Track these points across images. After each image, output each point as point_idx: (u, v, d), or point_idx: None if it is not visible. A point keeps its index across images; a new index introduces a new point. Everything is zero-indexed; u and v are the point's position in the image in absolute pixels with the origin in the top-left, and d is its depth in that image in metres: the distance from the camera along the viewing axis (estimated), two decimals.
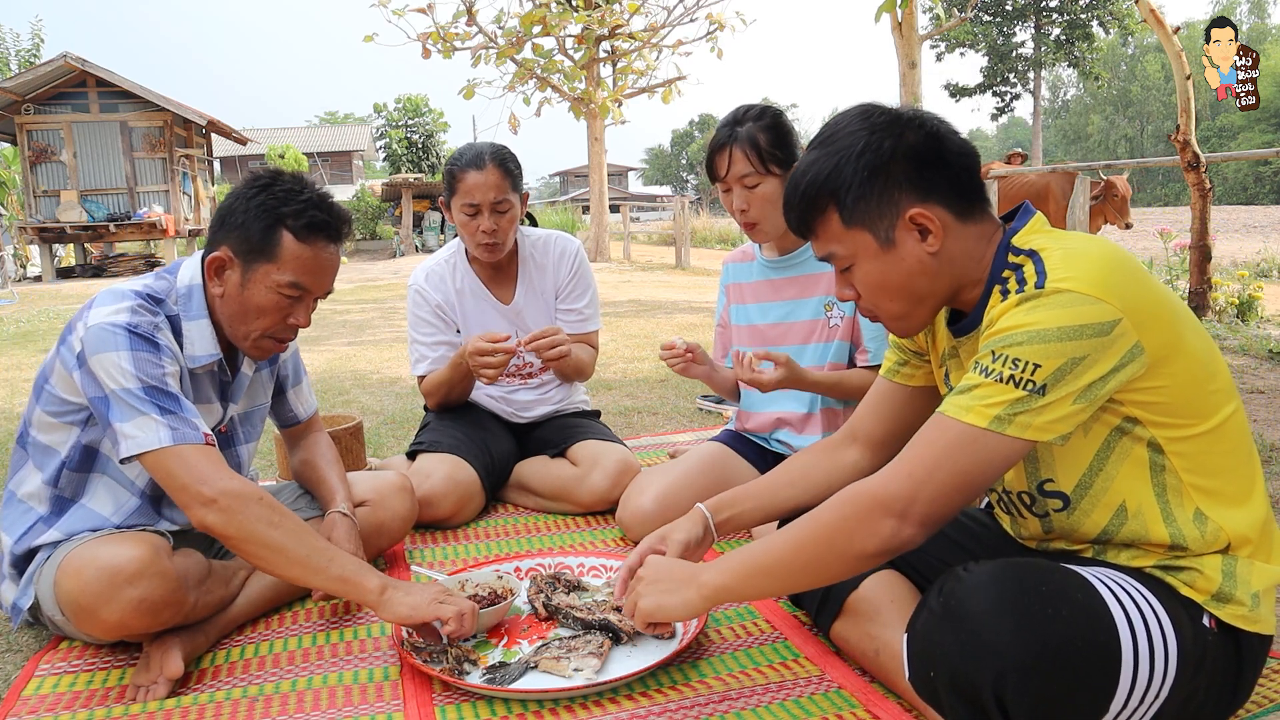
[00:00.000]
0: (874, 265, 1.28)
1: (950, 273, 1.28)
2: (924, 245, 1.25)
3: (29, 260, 17.31)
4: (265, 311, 1.72)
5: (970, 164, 1.27)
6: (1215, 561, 1.21)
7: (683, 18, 14.71)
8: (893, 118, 1.26)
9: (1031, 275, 1.18)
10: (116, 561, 1.53)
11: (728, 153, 2.10)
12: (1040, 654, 1.07)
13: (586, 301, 2.71)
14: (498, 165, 2.45)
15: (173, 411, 1.58)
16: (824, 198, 1.27)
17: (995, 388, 1.14)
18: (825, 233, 1.30)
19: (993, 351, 1.15)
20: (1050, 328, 1.12)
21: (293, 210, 1.69)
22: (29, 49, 23.08)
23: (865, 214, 1.25)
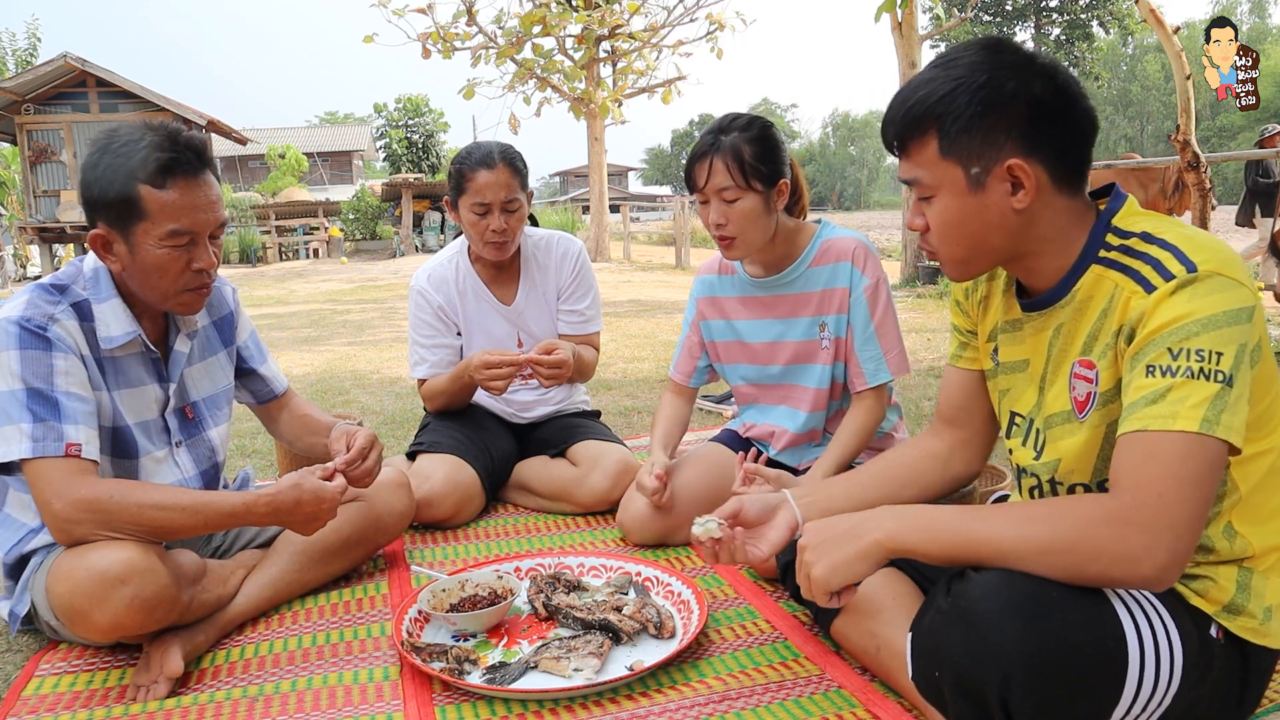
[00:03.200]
0: (955, 203, 1.22)
1: (1028, 235, 1.23)
2: (1012, 199, 1.19)
3: (29, 260, 17.31)
4: (164, 268, 1.65)
5: (1087, 133, 1.21)
6: (1230, 572, 1.20)
7: (683, 18, 14.74)
8: (1025, 60, 1.19)
9: (1171, 260, 1.12)
10: (106, 563, 1.52)
11: (708, 163, 1.98)
12: (1047, 657, 1.06)
13: (588, 303, 2.70)
14: (507, 164, 2.45)
15: (44, 419, 1.56)
16: (928, 121, 1.20)
17: (1190, 385, 1.07)
18: (917, 156, 1.24)
19: (1170, 349, 1.09)
20: (1218, 313, 1.08)
21: (138, 162, 1.60)
22: (26, 49, 23.08)
23: (964, 149, 1.19)
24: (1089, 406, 1.24)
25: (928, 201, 1.26)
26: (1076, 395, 1.26)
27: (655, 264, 14.95)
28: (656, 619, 1.70)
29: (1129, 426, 1.11)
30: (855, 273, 2.08)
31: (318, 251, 20.90)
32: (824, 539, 1.25)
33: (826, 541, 1.25)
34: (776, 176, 2.00)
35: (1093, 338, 1.23)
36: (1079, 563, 1.08)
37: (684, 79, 14.98)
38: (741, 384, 2.32)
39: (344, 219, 22.95)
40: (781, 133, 2.07)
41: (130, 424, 1.76)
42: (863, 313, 2.08)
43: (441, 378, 2.60)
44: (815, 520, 1.30)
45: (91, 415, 1.63)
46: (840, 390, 2.18)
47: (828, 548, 1.24)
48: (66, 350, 1.62)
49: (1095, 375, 1.23)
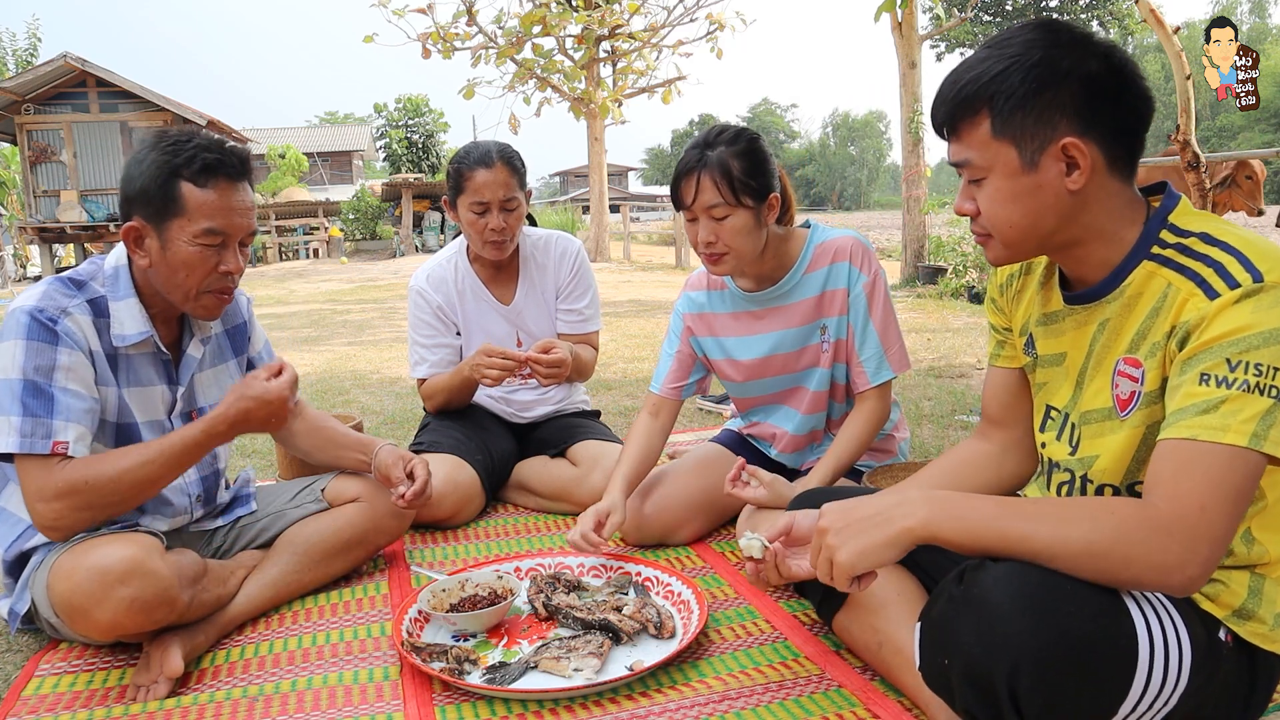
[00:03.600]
0: (1007, 184, 1.20)
1: (1080, 219, 1.20)
2: (1067, 180, 1.17)
3: (29, 260, 17.32)
4: (193, 266, 1.69)
5: (1145, 114, 1.18)
6: (1243, 578, 1.20)
7: (683, 18, 14.74)
8: (1080, 39, 1.17)
9: (1234, 265, 1.10)
10: (107, 562, 1.53)
11: (695, 180, 1.91)
12: (1058, 648, 1.06)
13: (587, 302, 2.70)
14: (505, 163, 2.45)
15: (37, 414, 1.58)
16: (981, 100, 1.18)
17: (1244, 399, 1.06)
18: (969, 137, 1.21)
19: (1228, 360, 1.07)
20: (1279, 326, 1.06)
21: (184, 159, 1.65)
22: (26, 49, 23.09)
23: (1018, 128, 1.16)
24: (1132, 406, 1.23)
25: (978, 185, 1.23)
26: (1120, 393, 1.25)
27: (655, 264, 14.95)
28: (656, 619, 1.70)
29: (1177, 433, 1.09)
30: (853, 271, 2.06)
31: (318, 251, 20.90)
32: (849, 522, 1.20)
33: (851, 525, 1.19)
34: (767, 191, 1.95)
35: (1141, 336, 1.21)
36: (1112, 568, 1.07)
37: (684, 79, 14.98)
38: (736, 396, 2.31)
39: (344, 219, 22.95)
40: (769, 143, 2.02)
41: (138, 421, 1.77)
42: (861, 310, 2.06)
43: (442, 376, 2.60)
44: (834, 503, 1.25)
45: (87, 413, 1.64)
46: (843, 393, 2.16)
47: (853, 531, 1.18)
48: (73, 346, 1.64)
49: (1141, 375, 1.21)
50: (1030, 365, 1.42)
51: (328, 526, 2.00)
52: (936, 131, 1.28)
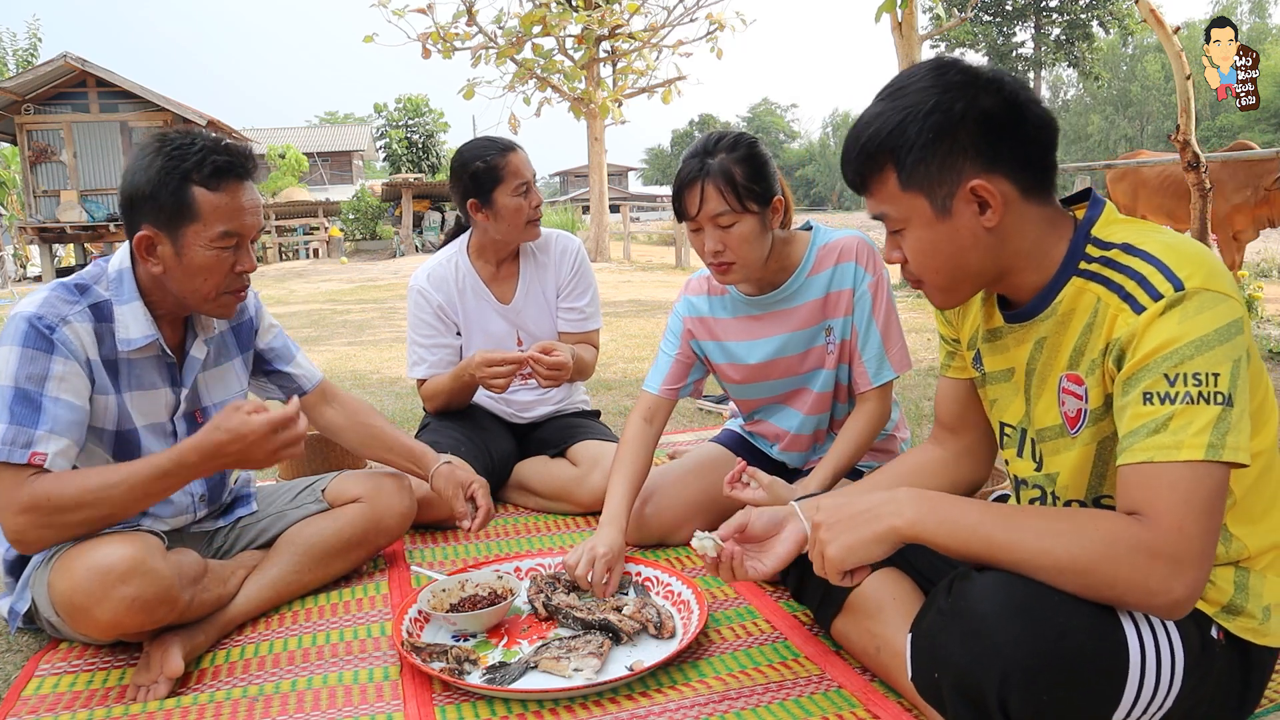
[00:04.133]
0: (926, 233, 1.21)
1: (1005, 251, 1.21)
2: (981, 219, 1.18)
3: (29, 260, 17.32)
4: (211, 270, 1.69)
5: (1048, 138, 1.19)
6: (1228, 574, 1.19)
7: (683, 18, 14.73)
8: (970, 77, 1.17)
9: (1155, 276, 1.10)
10: (108, 561, 1.52)
11: (699, 189, 1.86)
12: (1047, 659, 1.06)
13: (587, 300, 2.71)
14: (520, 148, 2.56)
15: (20, 423, 1.56)
16: (883, 155, 1.19)
17: (1191, 412, 1.05)
18: (880, 192, 1.23)
19: (1166, 375, 1.07)
20: (1210, 333, 1.06)
21: (193, 164, 1.64)
22: (26, 49, 23.10)
23: (924, 178, 1.17)
24: (1080, 423, 1.24)
25: (900, 235, 1.25)
26: (1066, 411, 1.25)
27: (655, 264, 14.95)
28: (656, 619, 1.70)
29: (1134, 457, 1.08)
30: (859, 270, 2.05)
31: (318, 251, 20.91)
32: (839, 518, 1.22)
33: (842, 521, 1.21)
34: (770, 195, 1.92)
35: (1079, 352, 1.21)
36: (1095, 585, 1.07)
37: (684, 79, 14.97)
38: (738, 399, 2.31)
39: (344, 219, 22.95)
40: (770, 144, 2.02)
41: (138, 427, 1.76)
42: (866, 309, 2.05)
43: (442, 377, 2.60)
44: (830, 497, 1.27)
45: (75, 426, 1.62)
46: (846, 393, 2.15)
47: (843, 527, 1.21)
48: (68, 356, 1.63)
49: (1085, 392, 1.21)
50: (980, 380, 1.43)
51: (328, 527, 2.00)
52: (850, 187, 1.28)
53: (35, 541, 1.59)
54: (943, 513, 1.15)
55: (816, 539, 1.24)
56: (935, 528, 1.15)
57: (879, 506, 1.19)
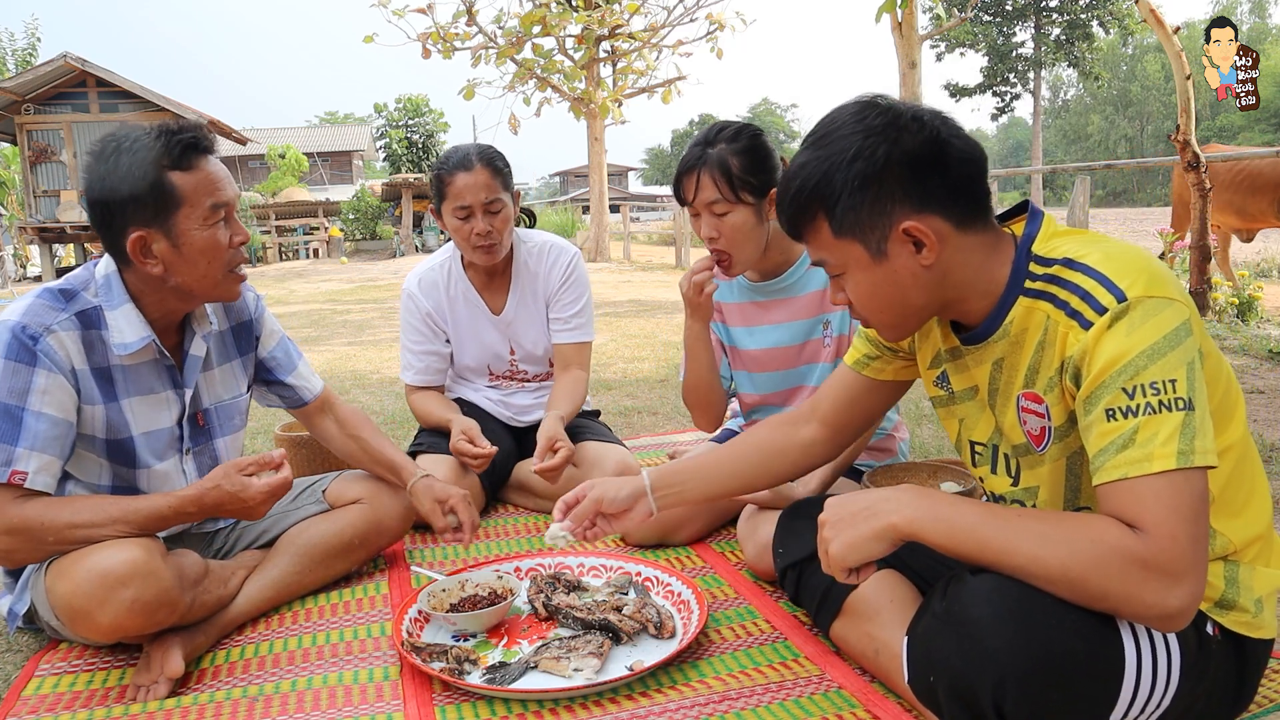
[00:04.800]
0: (865, 276, 1.23)
1: (947, 284, 1.23)
2: (918, 258, 1.19)
3: (29, 260, 17.32)
4: (212, 248, 1.67)
5: (974, 170, 1.20)
6: (1218, 569, 1.19)
7: (683, 18, 14.73)
8: (890, 119, 1.18)
9: (1098, 289, 1.11)
10: (108, 563, 1.52)
11: (695, 177, 1.94)
12: (1041, 663, 1.06)
13: (577, 310, 2.63)
14: (486, 165, 2.40)
15: (1, 440, 1.55)
16: (813, 205, 1.21)
17: (1154, 421, 1.05)
18: (815, 240, 1.25)
19: (1124, 389, 1.07)
20: (1159, 340, 1.06)
21: (160, 151, 1.61)
22: (25, 49, 23.09)
23: (856, 224, 1.19)
24: (1046, 441, 1.24)
25: (841, 278, 1.27)
26: (1030, 430, 1.26)
27: (655, 264, 14.94)
28: (656, 619, 1.70)
29: (1108, 476, 1.07)
30: None
31: (318, 251, 20.90)
32: (841, 516, 1.22)
33: (844, 519, 1.21)
34: (767, 187, 1.95)
35: (1034, 370, 1.21)
36: (1087, 595, 1.07)
37: (684, 79, 14.97)
38: (741, 391, 2.31)
39: (344, 219, 22.95)
40: (772, 140, 2.04)
41: (135, 435, 1.74)
42: None
43: (429, 411, 2.57)
44: (835, 496, 1.27)
45: (57, 441, 1.61)
46: None
47: (844, 525, 1.21)
48: (51, 367, 1.60)
49: (1046, 410, 1.21)
50: (945, 399, 1.42)
51: (329, 528, 1.99)
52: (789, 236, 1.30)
53: (19, 561, 1.61)
54: (941, 512, 1.15)
55: (821, 537, 1.24)
56: (932, 527, 1.15)
57: (878, 504, 1.19)
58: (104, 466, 1.74)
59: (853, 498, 1.24)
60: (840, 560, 1.20)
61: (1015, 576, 1.10)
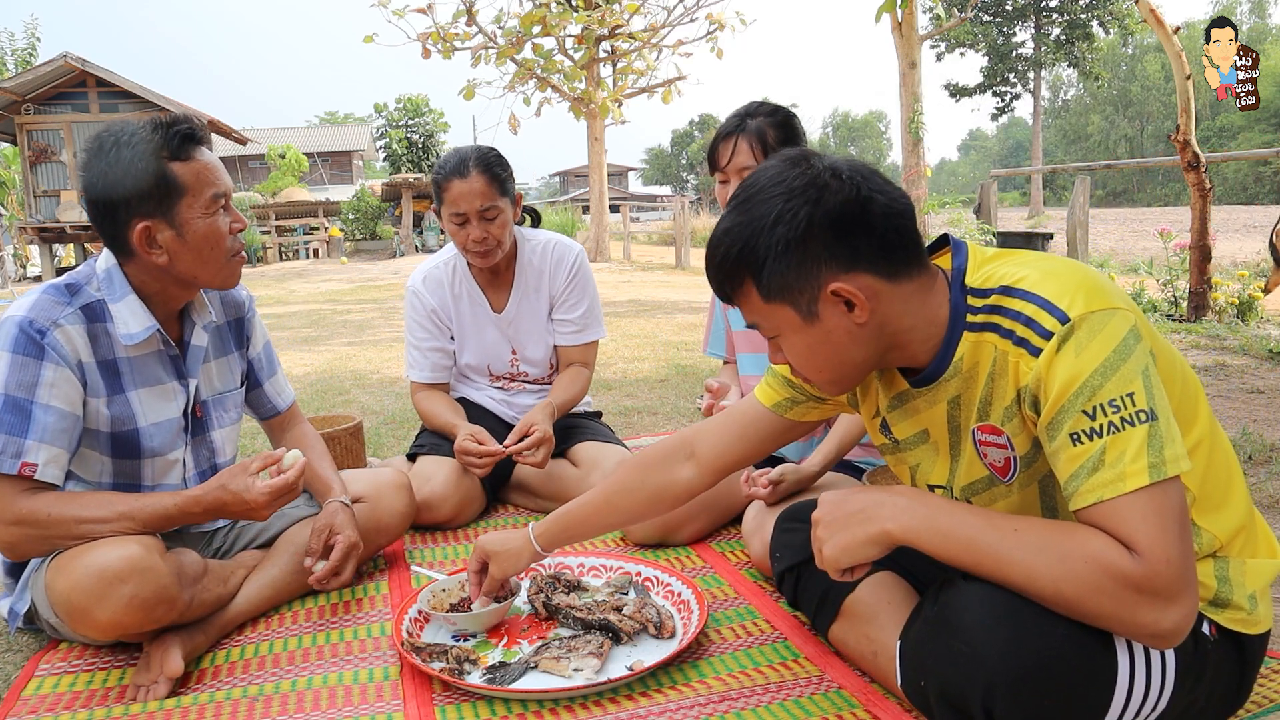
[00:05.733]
0: (799, 339, 1.20)
1: (883, 336, 1.21)
2: (851, 317, 1.17)
3: (29, 260, 17.32)
4: (213, 235, 1.70)
5: (900, 223, 1.17)
6: (1208, 567, 1.19)
7: (683, 18, 14.73)
8: (810, 179, 1.15)
9: (1040, 314, 1.10)
10: (106, 561, 1.52)
11: (733, 142, 2.06)
12: (1032, 669, 1.06)
13: (583, 311, 2.64)
14: (482, 171, 2.38)
15: (11, 432, 1.56)
16: (740, 270, 1.19)
17: (1120, 439, 1.04)
18: (745, 305, 1.23)
19: (1084, 412, 1.06)
20: (1109, 355, 1.06)
21: (159, 143, 1.64)
22: (25, 49, 23.09)
23: (784, 288, 1.16)
24: (1012, 471, 1.22)
25: (778, 340, 1.24)
26: (993, 462, 1.24)
27: (655, 264, 14.94)
28: (656, 619, 1.70)
29: (1084, 501, 1.06)
30: None
31: (318, 251, 20.90)
32: (835, 517, 1.21)
33: (838, 520, 1.20)
34: None
35: (986, 403, 1.20)
36: (1082, 614, 1.06)
37: (684, 79, 14.97)
38: (748, 374, 2.34)
39: (344, 219, 22.95)
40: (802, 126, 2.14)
41: (141, 426, 1.75)
42: None
43: (435, 411, 2.57)
44: (830, 493, 1.26)
45: (65, 434, 1.62)
46: None
47: (838, 526, 1.20)
48: (59, 361, 1.61)
49: (1008, 441, 1.20)
50: (891, 447, 1.41)
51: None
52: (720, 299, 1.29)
53: (25, 553, 1.61)
54: (938, 521, 1.14)
55: (815, 537, 1.23)
56: (929, 535, 1.14)
57: (873, 508, 1.18)
58: (105, 463, 1.74)
59: (848, 498, 1.22)
60: (833, 562, 1.20)
61: (1009, 588, 1.09)
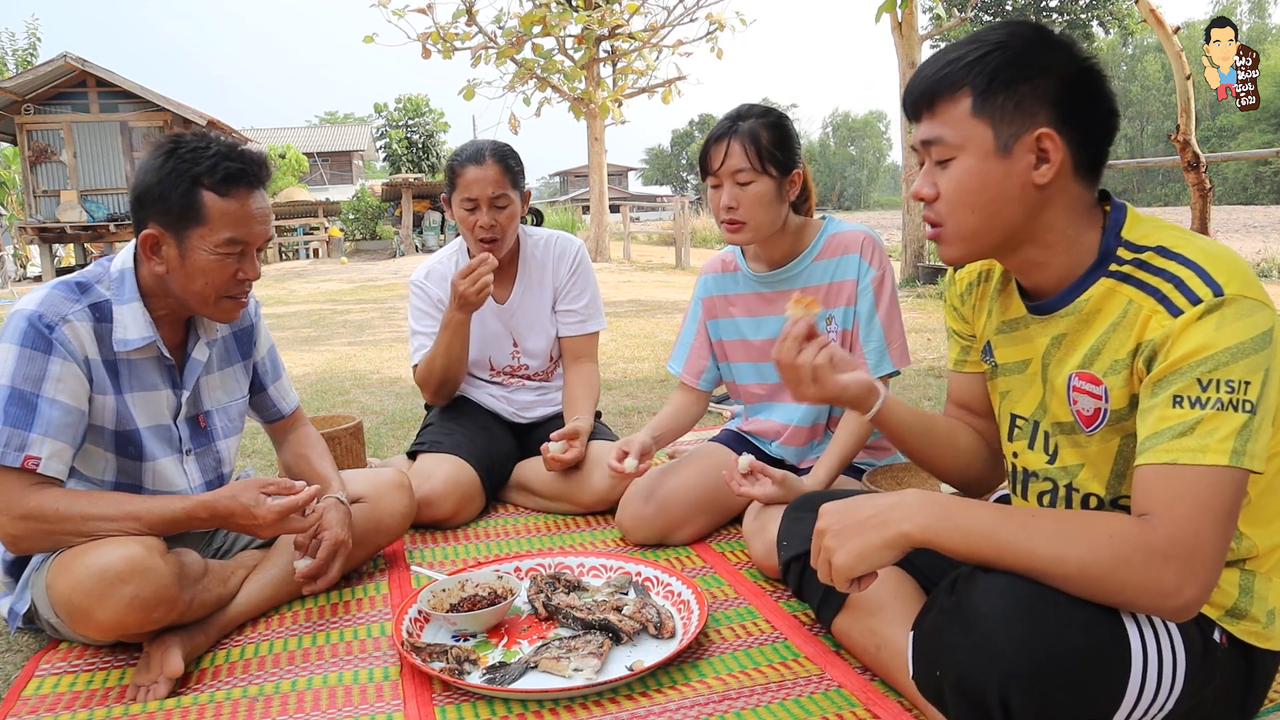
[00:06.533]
0: (977, 166, 1.18)
1: (1040, 217, 1.20)
2: (1035, 172, 1.16)
3: (29, 260, 17.32)
4: (212, 274, 1.69)
5: (1112, 126, 1.20)
6: (1233, 576, 1.19)
7: (683, 18, 14.72)
8: (1066, 41, 1.18)
9: (1193, 280, 1.10)
10: (107, 561, 1.52)
11: (725, 145, 2.01)
12: (1049, 661, 1.06)
13: (585, 302, 2.70)
14: (498, 161, 2.47)
15: (16, 425, 1.56)
16: (964, 79, 1.17)
17: (1219, 418, 1.06)
18: (946, 114, 1.19)
19: (1199, 380, 1.07)
20: (1245, 341, 1.06)
21: (205, 168, 1.64)
22: (25, 48, 23.09)
23: (998, 111, 1.16)
24: (1098, 423, 1.22)
25: (944, 166, 1.21)
26: (1081, 409, 1.24)
27: (655, 264, 14.94)
28: (656, 619, 1.70)
29: (1157, 458, 1.08)
30: (863, 264, 2.11)
31: (318, 251, 20.90)
32: (846, 524, 1.18)
33: (849, 527, 1.17)
34: (790, 165, 2.03)
35: (1095, 351, 1.20)
36: (1107, 591, 1.07)
37: (684, 79, 14.97)
38: (748, 383, 2.32)
39: (344, 219, 22.95)
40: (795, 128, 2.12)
41: (140, 428, 1.76)
42: (868, 303, 2.09)
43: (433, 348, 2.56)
44: (832, 503, 1.23)
45: (69, 429, 1.63)
46: None
47: (851, 533, 1.17)
48: (66, 356, 1.62)
49: (1105, 393, 1.20)
50: (990, 373, 1.42)
51: None
52: (908, 112, 1.26)
53: (28, 548, 1.61)
54: (955, 519, 1.14)
55: (822, 546, 1.20)
56: (948, 534, 1.13)
57: (886, 512, 1.17)
58: (109, 460, 1.75)
59: (853, 506, 1.21)
60: (847, 570, 1.16)
61: (1032, 577, 1.09)
